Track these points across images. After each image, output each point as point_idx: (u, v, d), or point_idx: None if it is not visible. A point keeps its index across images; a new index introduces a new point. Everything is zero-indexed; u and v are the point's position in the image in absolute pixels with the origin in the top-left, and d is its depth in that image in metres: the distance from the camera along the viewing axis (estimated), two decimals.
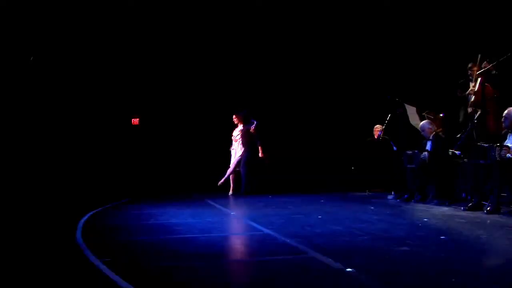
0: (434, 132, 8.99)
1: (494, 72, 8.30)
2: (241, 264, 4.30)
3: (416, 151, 8.99)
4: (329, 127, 13.25)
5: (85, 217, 7.24)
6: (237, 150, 11.36)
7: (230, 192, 11.27)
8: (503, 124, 7.36)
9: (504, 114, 7.29)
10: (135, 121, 13.20)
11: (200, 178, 12.28)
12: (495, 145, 7.11)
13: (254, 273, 3.98)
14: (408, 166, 9.15)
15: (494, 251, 4.76)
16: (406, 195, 9.13)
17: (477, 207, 7.31)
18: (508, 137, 7.24)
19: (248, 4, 11.95)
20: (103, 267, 4.04)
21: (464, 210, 7.36)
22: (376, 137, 10.88)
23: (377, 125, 10.88)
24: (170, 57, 12.69)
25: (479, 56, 8.51)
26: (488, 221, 6.34)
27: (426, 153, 8.66)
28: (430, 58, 11.03)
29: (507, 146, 6.98)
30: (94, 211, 8.03)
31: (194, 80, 12.92)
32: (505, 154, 6.86)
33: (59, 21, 11.36)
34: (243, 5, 12.00)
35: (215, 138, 12.74)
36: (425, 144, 9.00)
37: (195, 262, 4.32)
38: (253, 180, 11.17)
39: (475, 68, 8.68)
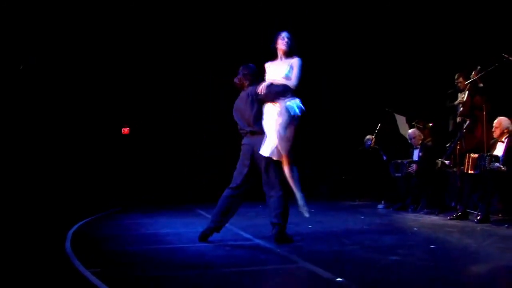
0: (421, 141, 9.06)
1: (480, 85, 8.39)
2: (231, 274, 4.29)
3: (405, 160, 9.05)
4: (321, 137, 13.27)
5: (75, 227, 7.20)
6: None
7: None
8: (493, 134, 7.41)
9: (494, 124, 7.35)
10: (125, 130, 13.16)
11: (191, 188, 12.25)
12: (485, 155, 7.17)
13: (244, 283, 3.97)
14: (396, 175, 9.20)
15: (483, 259, 4.79)
16: (398, 204, 9.16)
17: (463, 217, 7.34)
18: (497, 146, 7.30)
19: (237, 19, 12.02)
20: (92, 278, 4.01)
21: (450, 219, 7.39)
22: (366, 146, 10.92)
23: (368, 135, 10.93)
24: (160, 66, 12.67)
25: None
26: (483, 232, 6.37)
27: (414, 165, 8.73)
28: (419, 68, 11.10)
29: (497, 157, 7.05)
30: (84, 221, 7.98)
31: (184, 90, 12.92)
32: (495, 165, 6.93)
33: (49, 30, 11.34)
34: (237, 15, 12.04)
35: (206, 148, 12.74)
36: (412, 153, 9.07)
37: (184, 272, 4.31)
38: None
39: (462, 79, 8.78)
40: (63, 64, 11.98)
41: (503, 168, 6.91)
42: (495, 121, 7.34)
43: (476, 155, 7.29)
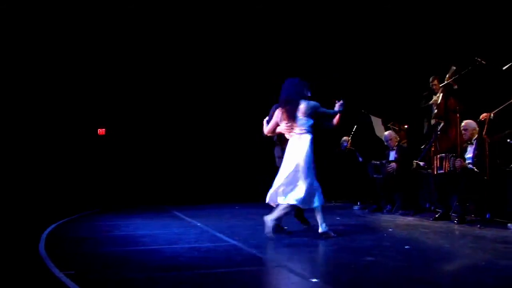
0: (397, 142, 9.15)
1: (455, 87, 8.53)
2: (208, 275, 4.29)
3: (384, 161, 9.13)
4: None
5: (50, 229, 7.13)
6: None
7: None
8: (464, 136, 7.53)
9: (462, 127, 7.46)
10: (101, 131, 13.00)
11: (168, 189, 12.16)
12: (450, 155, 7.31)
13: (219, 285, 3.96)
14: (375, 176, 9.27)
15: (456, 259, 4.86)
16: (374, 206, 9.22)
17: (445, 217, 7.43)
18: (468, 149, 7.41)
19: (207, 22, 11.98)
20: (66, 280, 3.97)
21: (432, 220, 7.46)
22: (342, 148, 10.98)
23: (344, 137, 11.00)
24: (136, 66, 12.54)
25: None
26: (457, 232, 6.46)
27: (394, 164, 8.78)
28: (395, 71, 11.22)
29: (462, 157, 7.20)
30: (59, 222, 7.90)
31: (161, 90, 12.81)
32: (459, 164, 7.06)
33: (25, 30, 11.19)
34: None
35: (184, 148, 12.65)
36: (388, 155, 9.15)
37: (160, 273, 4.29)
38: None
39: (436, 82, 8.94)
40: (38, 64, 11.80)
41: (475, 169, 7.02)
42: (462, 124, 7.46)
43: (443, 155, 7.49)
